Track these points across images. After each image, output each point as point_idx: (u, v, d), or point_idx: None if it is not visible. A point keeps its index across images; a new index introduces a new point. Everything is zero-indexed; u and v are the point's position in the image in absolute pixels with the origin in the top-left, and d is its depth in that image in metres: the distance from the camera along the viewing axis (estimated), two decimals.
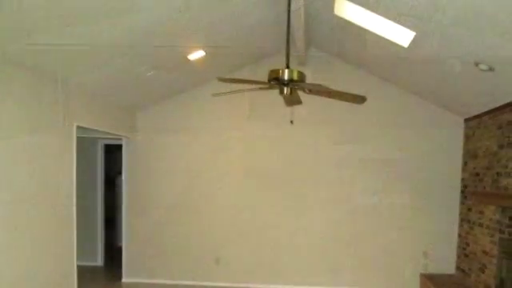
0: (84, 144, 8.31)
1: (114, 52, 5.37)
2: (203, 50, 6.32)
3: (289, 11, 4.51)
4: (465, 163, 7.42)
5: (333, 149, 7.81)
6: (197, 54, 6.38)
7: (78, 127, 6.12)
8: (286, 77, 3.92)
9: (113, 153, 9.89)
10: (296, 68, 4.05)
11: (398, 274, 7.75)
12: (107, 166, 9.81)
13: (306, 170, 7.89)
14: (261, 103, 7.60)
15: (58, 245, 5.71)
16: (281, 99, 4.67)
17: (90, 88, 6.24)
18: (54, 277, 5.64)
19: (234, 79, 4.01)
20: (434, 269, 7.67)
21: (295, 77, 3.94)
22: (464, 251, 7.26)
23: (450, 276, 7.51)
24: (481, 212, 6.62)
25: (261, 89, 4.31)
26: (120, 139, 8.20)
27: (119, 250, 8.68)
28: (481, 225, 6.59)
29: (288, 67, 4.04)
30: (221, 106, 7.76)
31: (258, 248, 8.01)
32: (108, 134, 7.41)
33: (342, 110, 7.27)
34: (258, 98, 6.53)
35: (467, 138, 7.37)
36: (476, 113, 6.88)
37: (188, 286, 7.98)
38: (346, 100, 4.34)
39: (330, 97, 4.39)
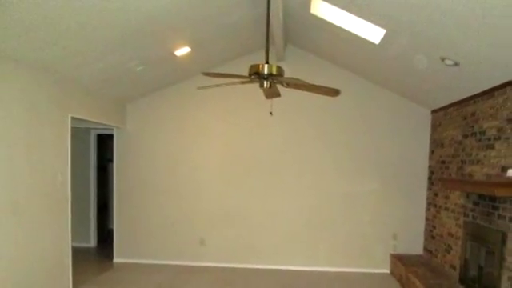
0: (78, 134, 8.27)
1: (106, 48, 5.34)
2: (189, 46, 6.30)
3: (268, 11, 4.51)
4: (432, 152, 7.50)
5: (309, 139, 7.87)
6: (183, 50, 6.38)
7: (73, 118, 6.12)
8: (265, 71, 3.94)
9: (105, 142, 9.84)
10: (275, 63, 4.07)
11: (369, 255, 7.86)
12: (99, 154, 9.79)
13: (284, 158, 7.93)
14: (242, 96, 7.59)
15: (54, 227, 5.74)
16: (261, 92, 4.66)
17: (83, 82, 6.22)
18: (50, 257, 5.69)
19: (217, 74, 4.00)
20: (403, 250, 7.78)
21: (274, 71, 3.96)
22: (431, 233, 7.36)
23: (418, 256, 7.62)
24: (446, 197, 6.71)
25: (242, 82, 4.31)
26: (111, 129, 8.18)
27: (111, 233, 8.70)
28: (447, 209, 6.68)
29: (267, 62, 4.05)
30: (205, 98, 7.74)
31: (240, 231, 8.05)
32: (100, 124, 7.36)
33: (317, 102, 7.26)
34: (240, 92, 6.51)
35: (434, 128, 7.45)
36: (442, 105, 6.96)
37: (174, 265, 7.99)
38: (322, 93, 4.35)
39: (306, 90, 4.39)
